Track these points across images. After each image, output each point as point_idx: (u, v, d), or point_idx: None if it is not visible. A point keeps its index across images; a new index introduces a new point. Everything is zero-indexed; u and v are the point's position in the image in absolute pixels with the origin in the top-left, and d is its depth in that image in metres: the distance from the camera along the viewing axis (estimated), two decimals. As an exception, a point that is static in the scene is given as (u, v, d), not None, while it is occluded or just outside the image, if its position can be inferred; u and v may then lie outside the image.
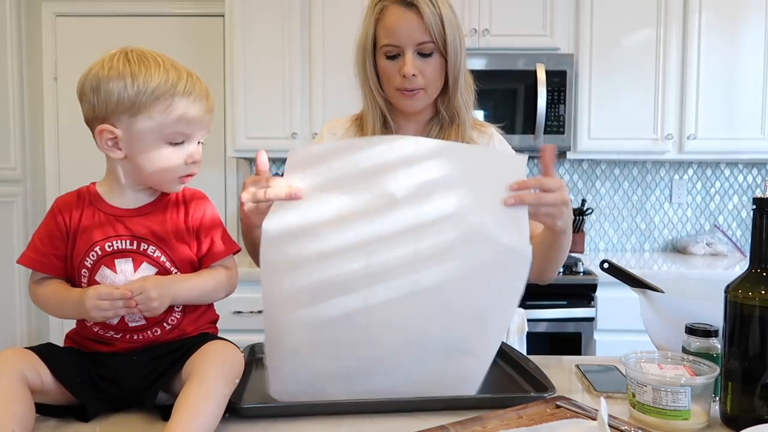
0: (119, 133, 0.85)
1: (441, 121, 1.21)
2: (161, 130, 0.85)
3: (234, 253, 0.96)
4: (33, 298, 0.91)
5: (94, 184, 0.93)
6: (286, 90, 2.55)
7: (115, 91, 0.83)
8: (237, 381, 0.82)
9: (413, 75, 1.11)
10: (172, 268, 0.89)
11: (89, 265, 0.87)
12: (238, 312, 2.25)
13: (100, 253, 0.87)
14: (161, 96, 0.84)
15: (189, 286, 0.89)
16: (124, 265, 0.87)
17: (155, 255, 0.88)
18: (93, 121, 0.86)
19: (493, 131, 1.26)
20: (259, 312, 2.27)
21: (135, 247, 0.88)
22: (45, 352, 0.83)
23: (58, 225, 0.89)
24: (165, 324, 0.89)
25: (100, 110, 0.84)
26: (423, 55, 1.12)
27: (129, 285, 0.83)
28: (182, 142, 0.88)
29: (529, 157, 0.93)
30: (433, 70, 1.13)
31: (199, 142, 0.91)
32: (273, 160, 2.91)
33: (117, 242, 0.87)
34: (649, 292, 1.03)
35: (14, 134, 2.81)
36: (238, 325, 2.25)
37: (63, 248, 0.89)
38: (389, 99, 1.19)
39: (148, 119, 0.84)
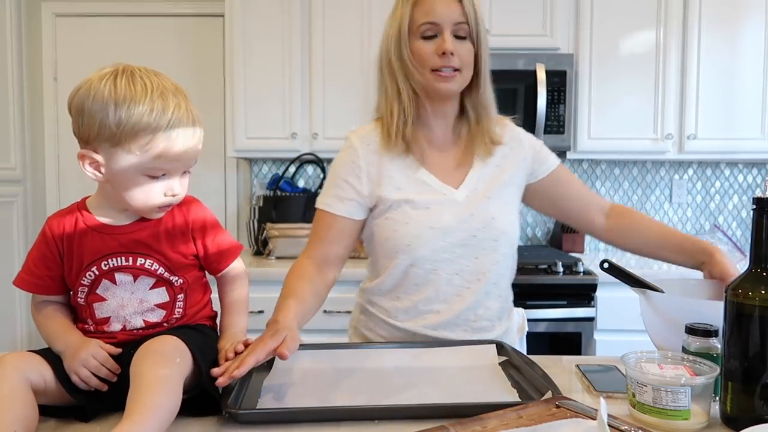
0: (100, 159, 0.83)
1: (469, 121, 1.23)
2: (140, 165, 0.83)
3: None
4: (34, 321, 0.92)
5: (84, 200, 0.92)
6: (286, 90, 2.55)
7: (98, 118, 0.80)
8: (178, 360, 0.79)
9: (452, 53, 1.12)
10: (171, 278, 0.90)
11: (87, 284, 0.88)
12: (238, 312, 2.25)
13: (97, 272, 0.87)
14: (141, 131, 0.81)
15: (246, 315, 0.99)
16: (123, 278, 0.88)
17: (153, 268, 0.88)
18: (78, 140, 0.85)
19: (513, 125, 1.30)
20: (260, 312, 2.27)
21: (131, 263, 0.88)
22: (48, 353, 0.84)
23: (49, 247, 0.89)
24: (165, 324, 0.90)
25: (84, 132, 0.83)
26: (458, 37, 1.14)
27: (226, 354, 0.88)
28: (163, 175, 0.86)
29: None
30: (467, 53, 1.15)
31: (185, 172, 0.89)
32: (273, 160, 2.91)
33: (113, 260, 0.87)
34: (649, 292, 1.03)
35: (14, 134, 2.81)
36: (238, 325, 2.25)
37: (57, 269, 0.89)
38: (423, 85, 1.16)
39: (127, 152, 0.82)
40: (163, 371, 0.75)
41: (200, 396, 0.82)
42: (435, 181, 1.19)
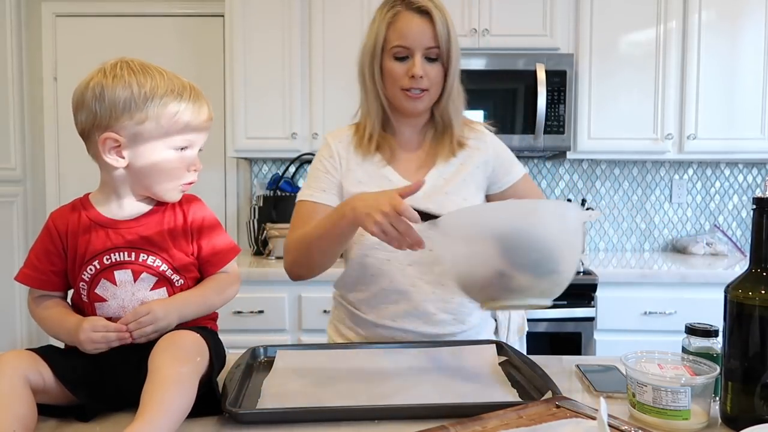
0: (123, 140, 0.85)
1: (435, 126, 1.27)
2: (167, 136, 0.86)
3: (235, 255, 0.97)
4: (32, 316, 0.92)
5: (87, 195, 0.92)
6: (286, 90, 2.55)
7: (122, 97, 0.83)
8: (198, 359, 0.80)
9: (421, 77, 1.16)
10: (173, 276, 0.90)
11: (87, 279, 0.88)
12: (238, 312, 2.25)
13: (99, 266, 0.87)
14: (169, 102, 0.85)
15: (196, 303, 0.91)
16: (124, 276, 0.88)
17: (155, 264, 0.89)
18: (93, 129, 0.85)
19: (484, 129, 1.32)
20: (260, 312, 2.27)
21: (133, 258, 0.88)
22: (47, 352, 0.84)
23: (53, 241, 0.89)
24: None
25: (102, 118, 0.84)
26: (428, 60, 1.18)
27: (136, 311, 0.84)
28: (185, 149, 0.89)
29: (528, 157, 0.94)
30: (437, 74, 1.19)
31: (199, 149, 0.92)
32: (273, 160, 2.91)
33: (115, 254, 0.88)
34: (437, 220, 0.95)
35: (14, 134, 2.81)
36: (238, 325, 2.26)
37: (60, 264, 0.89)
38: (391, 100, 1.22)
39: (155, 125, 0.85)
40: (181, 369, 0.76)
41: (201, 396, 0.82)
42: (397, 177, 1.23)
